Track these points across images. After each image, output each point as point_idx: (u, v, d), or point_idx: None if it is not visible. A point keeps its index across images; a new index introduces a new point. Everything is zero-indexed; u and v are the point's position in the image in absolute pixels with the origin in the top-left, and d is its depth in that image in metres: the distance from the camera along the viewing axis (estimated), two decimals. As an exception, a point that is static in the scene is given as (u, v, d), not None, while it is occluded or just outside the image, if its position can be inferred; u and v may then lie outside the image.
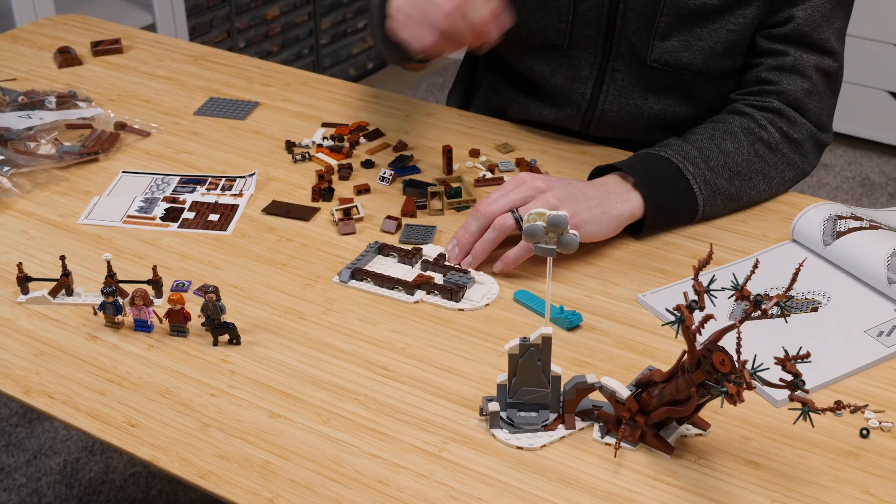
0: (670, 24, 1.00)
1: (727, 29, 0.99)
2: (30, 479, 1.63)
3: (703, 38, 1.00)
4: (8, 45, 1.38)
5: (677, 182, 0.93)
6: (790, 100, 0.99)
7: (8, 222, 0.99)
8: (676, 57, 1.01)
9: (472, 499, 0.68)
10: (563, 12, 1.03)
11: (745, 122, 0.98)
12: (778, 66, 0.99)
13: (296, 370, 0.80)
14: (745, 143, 0.97)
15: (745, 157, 0.97)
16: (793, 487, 0.69)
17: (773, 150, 0.98)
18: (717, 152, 0.96)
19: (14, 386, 0.78)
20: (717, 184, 0.95)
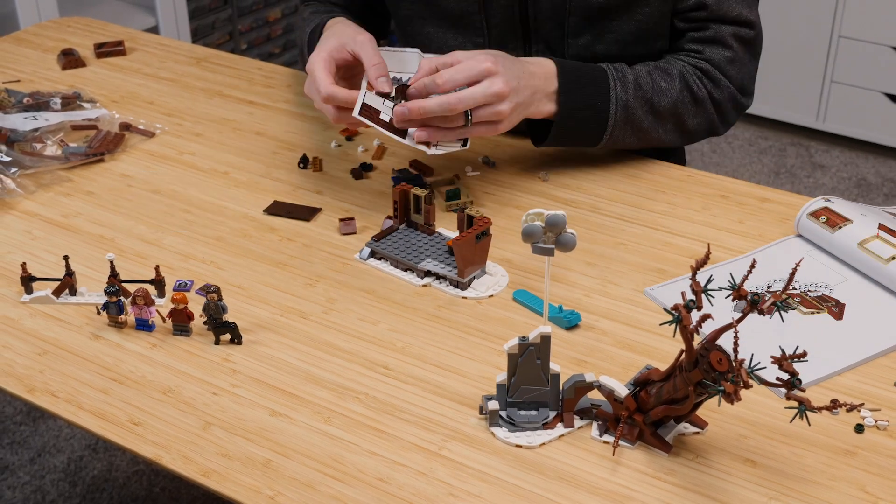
0: (579, 23, 1.04)
1: (635, 20, 1.04)
2: (34, 476, 1.64)
3: (614, 31, 1.05)
4: (12, 47, 1.39)
5: (598, 97, 0.99)
6: (713, 65, 1.05)
7: (12, 222, 1.00)
8: (592, 50, 1.05)
9: (472, 496, 0.69)
10: (477, 27, 1.07)
11: (681, 67, 1.04)
12: (701, 38, 1.05)
13: (297, 369, 0.80)
14: (677, 87, 1.03)
15: (672, 99, 1.02)
16: (790, 485, 0.69)
17: (698, 103, 1.04)
18: (651, 86, 1.02)
19: (18, 384, 0.79)
20: (635, 113, 1.01)
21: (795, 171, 2.47)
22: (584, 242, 0.95)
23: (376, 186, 1.05)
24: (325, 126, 1.18)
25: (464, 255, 0.87)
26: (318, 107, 0.97)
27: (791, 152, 2.54)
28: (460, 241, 0.86)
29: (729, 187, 1.04)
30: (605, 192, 1.03)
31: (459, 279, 0.88)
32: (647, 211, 1.00)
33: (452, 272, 0.88)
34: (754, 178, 2.44)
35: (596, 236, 0.96)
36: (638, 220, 0.99)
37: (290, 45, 2.68)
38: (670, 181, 1.05)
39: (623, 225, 0.98)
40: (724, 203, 1.02)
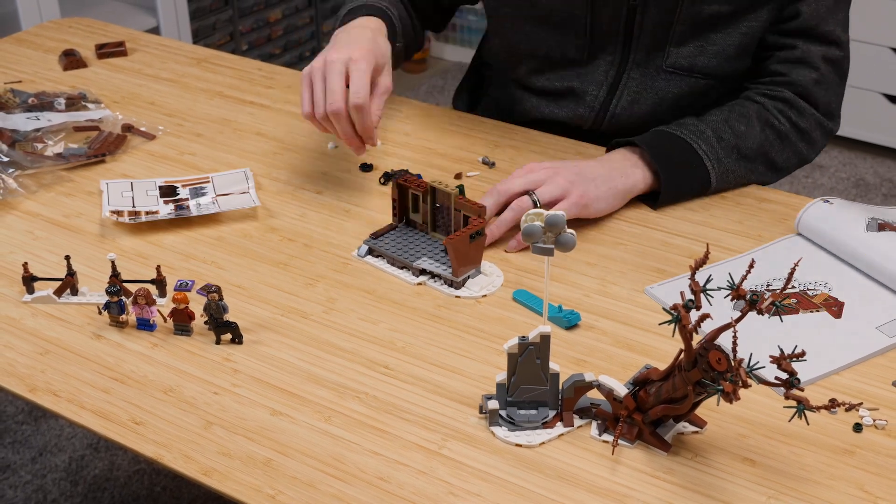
0: (686, 32, 1.03)
1: (740, 32, 1.03)
2: (35, 476, 1.64)
3: (717, 43, 1.04)
4: (13, 47, 1.39)
5: (689, 158, 0.99)
6: (799, 90, 1.03)
7: (14, 223, 1.00)
8: (692, 61, 1.05)
9: (472, 495, 0.69)
10: (580, 28, 1.06)
11: (758, 108, 1.03)
12: (787, 58, 1.03)
13: (297, 368, 0.80)
14: (756, 128, 1.02)
15: (756, 142, 1.01)
16: (788, 484, 0.70)
17: (783, 138, 1.03)
18: (731, 134, 1.00)
19: (20, 384, 0.79)
20: (728, 165, 1.00)
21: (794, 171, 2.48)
22: (583, 242, 0.95)
23: (376, 186, 1.06)
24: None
25: (458, 254, 0.87)
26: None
27: (790, 153, 2.55)
28: (454, 239, 0.87)
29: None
30: (605, 192, 1.04)
31: (453, 278, 0.88)
32: (647, 211, 1.00)
33: (447, 271, 0.89)
34: (753, 179, 2.44)
35: (595, 236, 0.97)
36: (637, 220, 0.99)
37: (291, 45, 2.68)
38: (670, 181, 1.05)
39: (622, 225, 0.98)
40: (723, 203, 1.02)
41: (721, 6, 1.01)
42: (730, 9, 1.01)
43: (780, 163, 1.04)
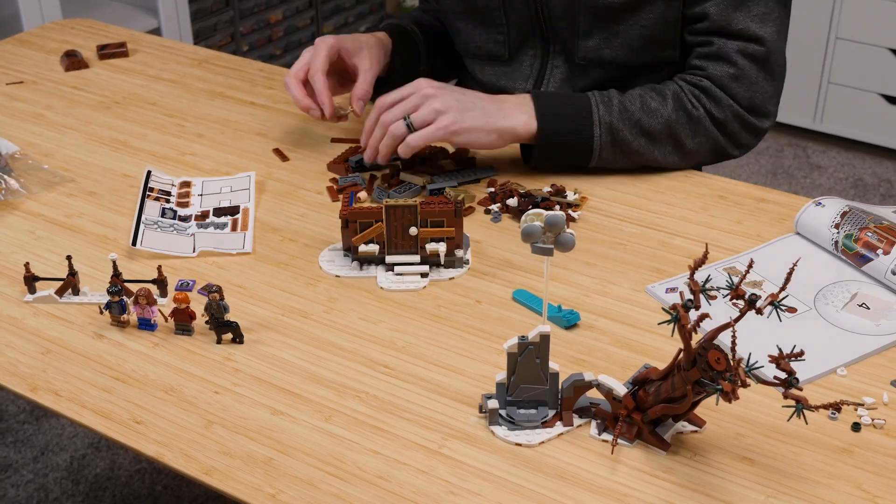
0: (589, 24, 1.05)
1: (640, 25, 1.04)
2: (37, 475, 1.64)
3: (620, 35, 1.05)
4: (15, 48, 1.40)
5: (580, 117, 1.00)
6: (717, 83, 1.03)
7: (16, 223, 1.01)
8: (599, 54, 1.06)
9: (472, 494, 0.69)
10: (498, 24, 1.10)
11: (675, 90, 1.03)
12: (705, 54, 1.03)
13: (298, 368, 0.81)
14: (670, 107, 1.02)
15: (664, 120, 1.01)
16: (787, 483, 0.70)
17: (694, 122, 1.02)
18: (639, 107, 1.01)
19: (21, 383, 0.80)
20: (622, 135, 1.01)
21: (793, 171, 2.48)
22: (582, 242, 0.95)
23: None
24: (325, 127, 1.18)
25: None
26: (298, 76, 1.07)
27: (788, 153, 2.55)
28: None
29: (726, 188, 1.05)
30: (604, 192, 1.04)
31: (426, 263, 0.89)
32: (646, 211, 1.01)
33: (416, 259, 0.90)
34: (752, 179, 2.44)
35: (595, 236, 0.97)
36: (636, 220, 1.00)
37: (292, 46, 2.69)
38: (668, 182, 1.06)
39: (621, 225, 0.99)
40: (721, 203, 1.02)
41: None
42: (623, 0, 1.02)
43: (689, 146, 1.03)
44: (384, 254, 0.90)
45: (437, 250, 0.89)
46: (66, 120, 1.20)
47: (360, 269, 0.91)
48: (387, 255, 0.90)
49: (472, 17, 1.12)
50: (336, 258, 0.93)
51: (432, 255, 0.90)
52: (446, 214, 0.88)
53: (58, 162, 1.11)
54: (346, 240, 0.91)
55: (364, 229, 0.89)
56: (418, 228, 0.89)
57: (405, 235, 0.89)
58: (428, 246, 0.89)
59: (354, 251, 0.90)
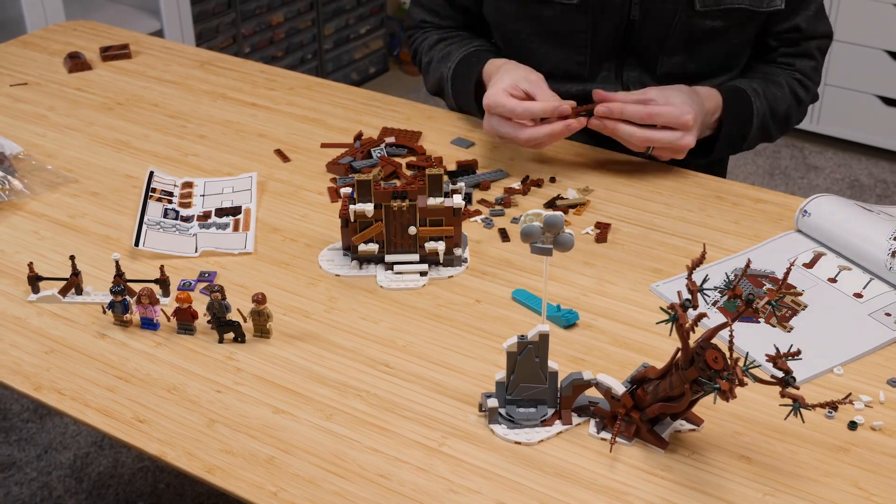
0: (678, 45, 1.09)
1: (729, 44, 1.11)
2: (41, 473, 1.65)
3: (706, 53, 1.11)
4: (19, 50, 1.41)
5: (745, 114, 1.09)
6: (805, 75, 1.15)
7: (19, 223, 1.01)
8: (683, 68, 1.11)
9: (471, 492, 0.70)
10: (581, 46, 1.10)
11: (787, 79, 1.14)
12: (792, 52, 1.15)
13: (299, 367, 0.81)
14: (788, 94, 1.13)
15: (786, 105, 1.13)
16: (784, 481, 0.70)
17: (801, 105, 1.15)
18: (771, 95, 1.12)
19: (25, 382, 0.80)
20: (765, 121, 1.11)
21: (790, 172, 2.49)
22: (581, 242, 0.96)
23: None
24: (326, 128, 1.19)
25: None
26: (509, 136, 1.01)
27: (785, 154, 2.57)
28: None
29: (724, 188, 1.05)
30: (603, 192, 1.04)
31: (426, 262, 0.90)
32: (644, 211, 1.01)
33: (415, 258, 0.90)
34: (749, 180, 2.45)
35: (593, 236, 0.97)
36: (635, 220, 1.00)
37: (293, 48, 2.70)
38: (666, 182, 1.06)
39: (620, 225, 0.99)
40: (719, 204, 1.03)
41: (715, 22, 1.07)
42: (723, 24, 1.08)
43: (792, 123, 1.16)
44: (383, 253, 0.91)
45: (437, 249, 0.90)
46: (69, 121, 1.21)
47: (360, 268, 0.92)
48: (386, 255, 0.91)
49: (549, 39, 1.11)
50: (336, 257, 0.93)
51: (431, 253, 0.90)
52: (445, 213, 0.89)
53: (61, 163, 1.12)
54: (345, 239, 0.92)
55: (364, 228, 0.90)
56: (417, 228, 0.89)
57: (404, 234, 0.90)
58: (427, 245, 0.90)
59: (354, 250, 0.91)
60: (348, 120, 1.20)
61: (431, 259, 0.91)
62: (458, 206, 0.89)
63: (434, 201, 0.88)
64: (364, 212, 0.88)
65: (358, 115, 1.21)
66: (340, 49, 2.83)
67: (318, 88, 1.28)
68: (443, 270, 0.91)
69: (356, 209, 0.88)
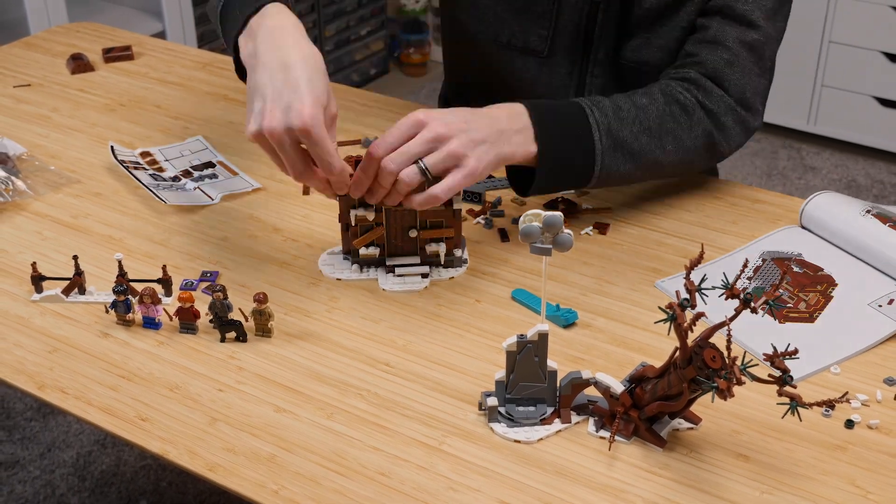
0: (637, 24, 1.02)
1: (680, 27, 1.01)
2: (44, 471, 1.66)
3: (662, 36, 1.02)
4: (22, 51, 1.41)
5: (577, 128, 0.90)
6: (708, 70, 0.97)
7: (23, 223, 1.02)
8: (639, 54, 1.03)
9: (471, 490, 0.70)
10: (545, 19, 1.05)
11: (662, 85, 0.97)
12: (700, 38, 0.98)
13: (301, 366, 0.82)
14: (660, 101, 0.95)
15: (658, 114, 0.94)
16: (781, 479, 0.71)
17: (689, 112, 0.95)
18: (630, 105, 0.93)
19: (29, 381, 0.81)
20: (621, 135, 0.92)
21: (787, 172, 2.50)
22: (580, 242, 0.96)
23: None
24: (328, 129, 1.19)
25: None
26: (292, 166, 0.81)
27: (783, 154, 2.57)
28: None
29: (722, 188, 1.06)
30: (602, 193, 1.05)
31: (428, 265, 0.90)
32: (642, 211, 1.02)
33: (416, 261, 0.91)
34: (747, 180, 2.46)
35: (592, 236, 0.98)
36: (633, 220, 1.00)
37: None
38: (664, 183, 1.06)
39: (618, 225, 1.00)
40: (717, 204, 1.03)
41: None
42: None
43: (687, 141, 0.95)
44: (384, 256, 0.91)
45: (438, 251, 0.90)
46: (72, 122, 1.22)
47: (361, 271, 0.92)
48: (387, 258, 0.91)
49: (513, 8, 1.04)
50: (335, 262, 0.94)
51: (432, 255, 0.91)
52: (445, 215, 0.89)
53: (64, 163, 1.13)
54: (346, 243, 0.92)
55: (364, 232, 0.90)
56: (418, 230, 0.90)
57: (405, 237, 0.90)
58: (428, 247, 0.91)
59: (355, 254, 0.91)
60: (349, 121, 1.21)
61: (432, 261, 0.91)
62: (457, 209, 0.89)
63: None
64: (365, 216, 0.88)
65: (359, 116, 1.22)
66: (341, 50, 2.84)
67: (320, 90, 1.29)
68: (443, 272, 0.92)
69: (357, 213, 0.88)
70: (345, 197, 0.88)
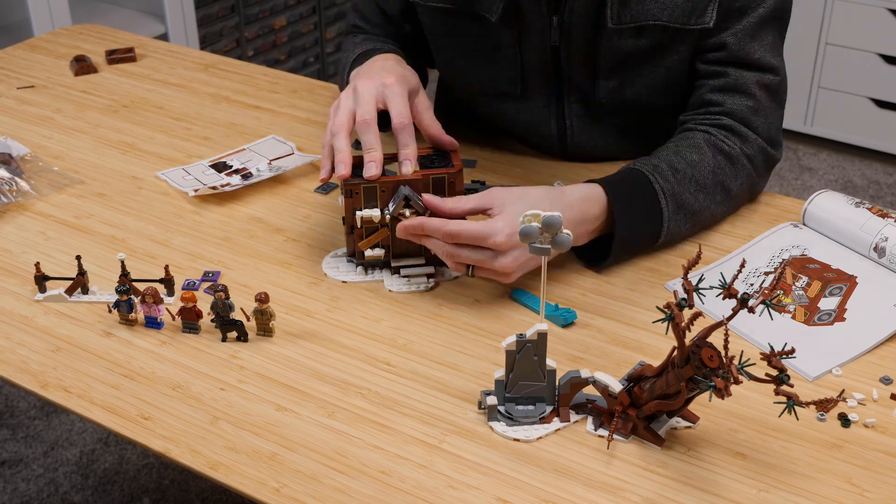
0: (610, 67, 1.01)
1: (665, 67, 1.00)
2: (47, 469, 1.66)
3: (644, 76, 1.01)
4: (26, 53, 1.42)
5: (646, 197, 0.91)
6: (737, 118, 0.98)
7: (27, 223, 1.03)
8: (621, 94, 1.02)
9: (471, 488, 0.71)
10: (511, 62, 1.04)
11: (705, 136, 0.97)
12: (720, 86, 0.98)
13: (302, 365, 0.82)
14: (708, 155, 0.95)
15: (710, 169, 0.95)
16: (778, 478, 0.71)
17: (734, 161, 0.97)
18: (684, 164, 0.94)
19: (32, 380, 0.81)
20: (684, 198, 0.93)
21: (784, 173, 2.51)
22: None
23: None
24: (329, 130, 1.20)
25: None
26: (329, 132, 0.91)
27: (780, 155, 2.58)
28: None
29: (723, 190, 1.06)
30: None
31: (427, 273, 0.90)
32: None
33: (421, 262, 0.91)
34: (745, 181, 2.47)
35: (593, 237, 0.98)
36: (634, 221, 1.01)
37: (296, 51, 2.71)
38: (667, 184, 1.07)
39: (620, 226, 1.00)
40: (717, 205, 1.04)
41: (638, 41, 0.98)
42: (648, 44, 0.98)
43: (734, 190, 0.97)
44: (389, 257, 0.92)
45: None
46: (75, 123, 1.22)
47: (366, 273, 0.92)
48: (392, 259, 0.92)
49: (479, 56, 1.05)
50: (340, 264, 0.94)
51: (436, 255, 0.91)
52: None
53: (67, 164, 1.13)
54: (351, 245, 0.92)
55: (369, 234, 0.90)
56: None
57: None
58: None
59: (360, 256, 0.92)
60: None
61: (437, 261, 0.92)
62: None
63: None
64: (370, 218, 0.89)
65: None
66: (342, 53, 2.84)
67: (321, 91, 1.29)
68: (447, 272, 0.92)
69: (362, 215, 0.88)
70: (350, 199, 0.88)
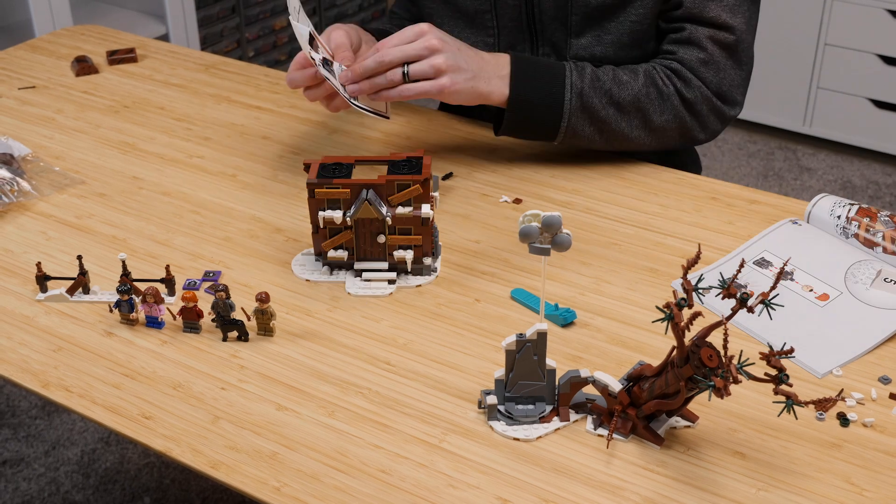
0: (581, 22, 1.07)
1: (630, 21, 1.06)
2: (48, 469, 1.67)
3: (612, 32, 1.07)
4: (28, 54, 1.42)
5: (552, 84, 1.01)
6: (686, 66, 1.06)
7: (28, 223, 1.03)
8: (591, 52, 1.08)
9: (471, 487, 0.71)
10: (488, 27, 1.11)
11: (647, 67, 1.06)
12: (676, 39, 1.07)
13: (302, 365, 0.83)
14: (640, 82, 1.04)
15: (633, 93, 1.03)
16: (777, 477, 0.71)
17: (664, 98, 1.04)
18: (611, 79, 1.03)
19: (33, 380, 0.82)
20: (592, 102, 1.02)
21: (783, 173, 2.51)
22: (578, 243, 0.97)
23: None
24: (329, 131, 1.20)
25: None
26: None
27: (779, 156, 2.58)
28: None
29: (718, 189, 1.07)
30: (599, 194, 1.06)
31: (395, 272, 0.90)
32: (640, 212, 1.02)
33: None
34: (743, 181, 2.47)
35: (590, 237, 0.99)
36: (631, 221, 1.01)
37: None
38: (662, 184, 1.07)
39: (616, 226, 1.00)
40: (713, 205, 1.04)
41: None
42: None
43: (657, 122, 1.05)
44: (353, 259, 0.92)
45: (405, 258, 0.90)
46: (76, 123, 1.23)
47: (331, 273, 0.92)
48: (356, 262, 0.92)
49: (459, 20, 1.13)
50: (307, 262, 0.94)
51: (399, 262, 0.91)
52: (414, 222, 0.89)
53: (68, 164, 1.14)
54: (316, 245, 0.92)
55: (333, 235, 0.90)
56: (387, 236, 0.90)
57: (373, 243, 0.90)
58: (395, 253, 0.90)
59: (324, 256, 0.92)
60: (349, 122, 1.22)
61: (401, 268, 0.91)
62: (426, 216, 0.89)
63: (403, 210, 0.88)
64: (333, 218, 0.89)
65: (360, 117, 1.23)
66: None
67: (322, 92, 1.30)
68: (411, 279, 0.92)
69: (325, 215, 0.88)
70: (313, 199, 0.89)
